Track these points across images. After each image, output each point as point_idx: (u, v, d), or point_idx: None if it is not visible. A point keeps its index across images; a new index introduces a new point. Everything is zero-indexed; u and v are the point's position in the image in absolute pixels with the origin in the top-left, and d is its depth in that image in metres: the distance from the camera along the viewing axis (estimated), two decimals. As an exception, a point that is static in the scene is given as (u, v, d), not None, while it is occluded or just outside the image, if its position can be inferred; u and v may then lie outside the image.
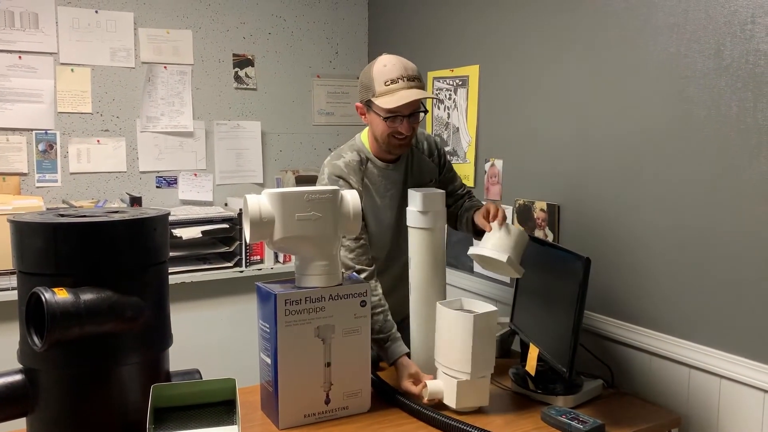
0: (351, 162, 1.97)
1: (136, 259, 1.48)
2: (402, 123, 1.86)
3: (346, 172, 1.95)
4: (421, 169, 2.06)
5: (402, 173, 2.02)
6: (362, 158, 1.99)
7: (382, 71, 1.85)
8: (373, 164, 1.99)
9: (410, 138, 1.92)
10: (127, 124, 2.99)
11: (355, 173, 1.96)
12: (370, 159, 1.99)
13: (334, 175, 1.95)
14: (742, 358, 1.70)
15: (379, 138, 1.92)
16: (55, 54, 2.81)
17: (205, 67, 3.13)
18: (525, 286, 2.08)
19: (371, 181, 1.98)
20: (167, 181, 3.09)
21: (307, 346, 1.64)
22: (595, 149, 2.10)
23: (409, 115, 1.86)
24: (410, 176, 2.04)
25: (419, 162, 2.07)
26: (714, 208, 1.76)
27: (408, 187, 2.01)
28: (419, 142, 2.08)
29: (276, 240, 1.62)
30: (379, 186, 1.99)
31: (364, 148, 2.01)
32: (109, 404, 1.44)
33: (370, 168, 1.99)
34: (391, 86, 1.83)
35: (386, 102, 1.83)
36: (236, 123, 3.22)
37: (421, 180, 2.05)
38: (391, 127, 1.87)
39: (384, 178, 1.99)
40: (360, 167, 1.97)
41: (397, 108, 1.83)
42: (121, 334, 1.44)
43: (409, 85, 1.84)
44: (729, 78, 1.70)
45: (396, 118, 1.85)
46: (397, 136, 1.89)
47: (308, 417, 1.67)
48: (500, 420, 1.72)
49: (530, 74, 2.35)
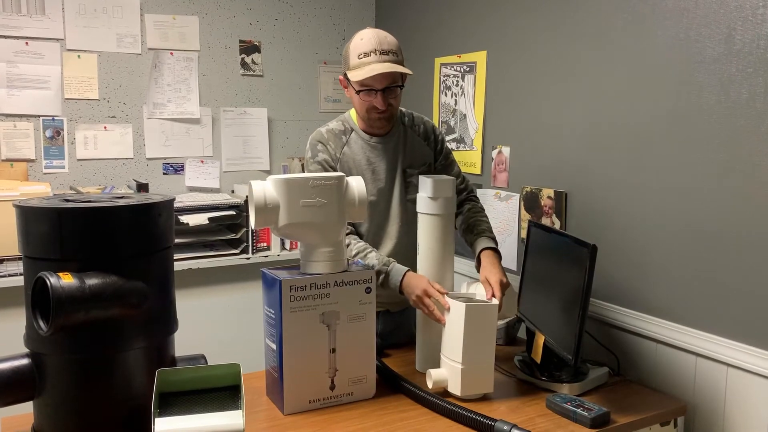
0: (334, 129, 2.02)
1: (141, 245, 1.48)
2: (376, 97, 1.87)
3: (326, 137, 1.99)
4: (414, 151, 2.06)
5: (391, 150, 2.02)
6: (346, 128, 2.02)
7: (358, 45, 1.87)
8: (357, 135, 2.01)
9: (389, 113, 1.93)
10: (133, 111, 2.98)
11: (335, 140, 1.99)
12: (355, 130, 2.02)
13: (315, 140, 2.01)
14: (749, 346, 1.69)
15: (359, 111, 1.96)
16: (61, 40, 2.81)
17: (211, 54, 3.12)
18: (531, 273, 2.08)
19: (353, 151, 1.99)
20: (174, 168, 3.09)
21: (312, 332, 1.64)
22: (602, 136, 2.08)
23: (383, 89, 1.86)
24: (400, 154, 2.03)
25: (412, 143, 2.06)
26: (723, 195, 1.74)
27: (397, 164, 2.02)
28: (416, 125, 2.08)
29: (281, 226, 1.62)
30: (362, 157, 1.99)
31: (351, 120, 2.04)
32: (114, 388, 1.44)
33: (354, 138, 2.01)
34: (363, 59, 1.84)
35: (356, 75, 1.85)
36: (243, 110, 3.21)
37: (413, 161, 2.04)
38: (366, 101, 1.89)
39: (368, 150, 2.00)
40: (342, 136, 2.01)
41: (366, 81, 1.84)
42: (126, 319, 1.44)
43: (381, 58, 1.84)
44: (740, 63, 1.68)
45: (370, 91, 1.87)
46: (374, 112, 1.91)
47: (313, 403, 1.67)
48: (505, 407, 1.71)
49: (538, 60, 2.32)
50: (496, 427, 1.52)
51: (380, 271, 1.86)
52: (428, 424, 1.61)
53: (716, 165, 1.75)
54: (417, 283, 1.81)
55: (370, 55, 1.84)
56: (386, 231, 2.03)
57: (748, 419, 1.71)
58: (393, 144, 2.02)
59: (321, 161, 1.97)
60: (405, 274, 1.84)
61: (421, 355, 1.93)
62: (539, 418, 1.65)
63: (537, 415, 1.67)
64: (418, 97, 2.98)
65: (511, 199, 2.45)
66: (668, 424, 1.76)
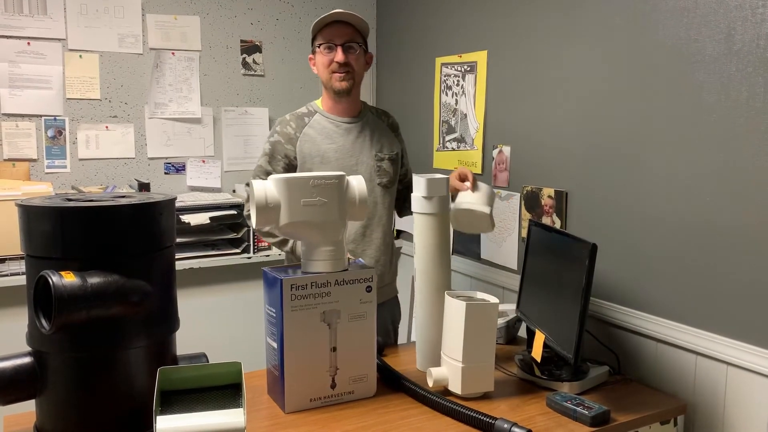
0: (297, 112, 2.17)
1: (143, 244, 1.49)
2: (336, 51, 2.05)
3: (288, 119, 2.16)
4: (382, 137, 2.20)
5: (357, 131, 2.15)
6: (310, 111, 2.17)
7: (323, 16, 2.07)
8: (322, 116, 2.15)
9: (347, 70, 2.08)
10: (135, 111, 2.99)
11: (296, 121, 2.15)
12: (318, 112, 2.16)
13: (276, 123, 2.16)
14: (749, 345, 1.69)
15: (322, 75, 2.10)
16: (63, 40, 2.82)
17: (212, 54, 3.13)
18: (532, 273, 2.08)
19: (315, 130, 2.12)
20: (175, 168, 3.10)
21: (313, 330, 1.65)
22: (603, 136, 2.08)
23: (342, 45, 2.05)
24: (368, 137, 2.16)
25: (381, 130, 2.21)
26: (723, 194, 1.74)
27: (365, 146, 2.14)
28: (383, 115, 2.27)
29: (281, 225, 1.63)
30: (324, 137, 2.11)
31: (315, 104, 2.19)
32: (116, 387, 1.45)
33: (317, 119, 2.14)
34: (325, 18, 2.06)
35: (318, 26, 2.06)
36: (244, 109, 3.22)
37: (381, 147, 2.18)
38: (327, 57, 2.05)
39: (332, 127, 2.13)
40: (305, 117, 2.15)
41: (329, 31, 2.05)
42: (127, 317, 1.45)
43: (339, 15, 2.05)
44: (739, 63, 1.68)
45: (330, 47, 2.06)
46: (335, 69, 2.06)
47: (314, 401, 1.68)
48: (505, 405, 1.72)
49: (539, 60, 2.33)
50: (496, 425, 1.53)
51: None
52: (429, 422, 1.62)
53: (716, 164, 1.75)
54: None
55: (332, 14, 2.05)
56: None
57: (748, 418, 1.71)
58: (360, 126, 2.16)
59: (273, 142, 2.12)
60: None
61: (422, 354, 1.94)
62: (539, 416, 1.66)
63: (537, 414, 1.67)
64: (419, 96, 2.98)
65: (512, 199, 2.46)
66: (668, 422, 1.76)
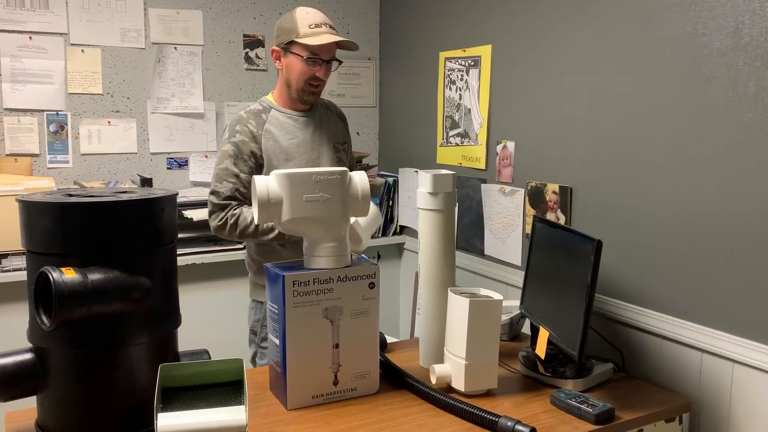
0: (253, 110, 2.12)
1: (144, 240, 1.48)
2: (321, 68, 2.00)
3: (246, 117, 2.09)
4: (335, 128, 2.21)
5: (315, 124, 2.15)
6: (264, 107, 2.13)
7: (306, 17, 2.01)
8: (278, 112, 2.11)
9: (322, 86, 2.07)
10: (137, 106, 2.98)
11: (255, 118, 2.10)
12: (273, 108, 2.12)
13: (234, 122, 2.10)
14: (756, 342, 1.67)
15: (295, 82, 2.05)
16: (65, 34, 2.80)
17: (215, 48, 3.11)
18: (536, 269, 2.07)
19: (275, 126, 2.09)
20: (178, 163, 3.09)
21: (316, 327, 1.64)
22: (608, 131, 2.06)
23: (327, 60, 2.03)
24: (325, 129, 2.16)
25: (334, 121, 2.22)
26: (730, 190, 1.72)
27: (323, 138, 2.14)
28: (332, 107, 2.27)
29: (284, 221, 1.61)
30: (284, 132, 2.09)
31: (268, 100, 2.15)
32: (117, 383, 1.44)
33: (274, 114, 2.11)
34: (315, 29, 1.99)
35: (311, 41, 1.97)
36: (246, 104, 3.18)
37: (336, 138, 2.19)
38: (310, 71, 2.01)
39: (290, 124, 2.11)
40: (262, 114, 2.11)
41: (321, 47, 1.98)
42: (128, 314, 1.44)
43: (330, 31, 2.02)
44: (747, 57, 1.66)
45: (316, 61, 2.00)
46: (312, 83, 2.04)
47: (316, 398, 1.67)
48: (509, 403, 1.71)
49: (543, 54, 2.31)
50: (500, 423, 1.52)
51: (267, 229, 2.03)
52: (432, 419, 1.61)
53: (723, 160, 1.73)
54: None
55: (321, 26, 2.01)
56: None
57: (754, 416, 1.70)
58: (317, 119, 2.16)
59: (237, 142, 2.06)
60: None
61: (425, 351, 1.93)
62: (543, 414, 1.65)
63: (541, 411, 1.66)
64: (423, 91, 2.96)
65: (516, 195, 2.44)
66: (673, 420, 1.75)
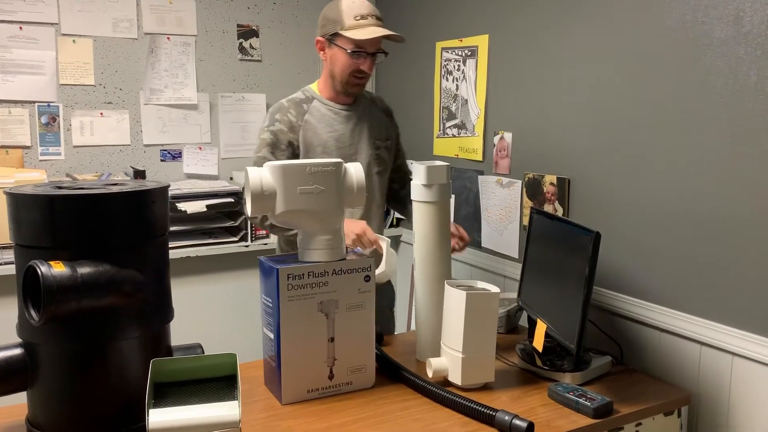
0: (294, 99, 2.07)
1: (135, 233, 1.45)
2: (365, 60, 1.95)
3: (286, 106, 2.05)
4: (380, 124, 2.15)
5: (356, 118, 2.09)
6: (307, 97, 2.08)
7: (352, 6, 1.93)
8: (320, 103, 2.06)
9: (367, 79, 2.01)
10: (130, 97, 2.94)
11: (296, 108, 2.04)
12: (316, 98, 2.07)
13: (274, 110, 2.06)
14: (755, 335, 1.66)
15: (339, 75, 1.99)
16: (56, 24, 2.76)
17: (208, 38, 3.07)
18: (533, 261, 2.04)
19: (315, 118, 2.04)
20: (172, 155, 3.06)
21: (310, 321, 1.61)
22: (607, 121, 2.04)
23: (373, 53, 1.96)
24: (367, 124, 2.10)
25: (377, 115, 2.15)
26: (730, 180, 1.70)
27: (363, 134, 2.08)
28: (378, 100, 2.21)
29: (278, 214, 1.59)
30: (324, 125, 2.04)
31: (311, 90, 2.09)
32: (108, 379, 1.42)
33: (316, 106, 2.06)
34: (361, 21, 1.92)
35: (357, 34, 1.90)
36: (241, 95, 3.17)
37: (378, 134, 2.13)
38: (354, 64, 1.95)
39: (332, 117, 2.05)
40: (303, 104, 2.05)
41: (367, 41, 1.92)
42: (120, 308, 1.41)
43: (377, 23, 1.95)
44: (748, 46, 1.64)
45: (361, 54, 1.94)
46: (356, 75, 1.97)
47: (312, 392, 1.65)
48: (506, 396, 1.69)
49: (541, 44, 2.28)
50: (497, 417, 1.50)
51: None
52: (428, 414, 1.59)
53: (723, 150, 1.71)
54: (356, 224, 1.89)
55: (368, 18, 1.93)
56: None
57: (754, 409, 1.68)
58: (359, 113, 2.10)
59: (275, 131, 2.02)
60: None
61: (421, 344, 1.91)
62: (541, 407, 1.63)
63: (539, 405, 1.64)
64: (419, 82, 2.93)
65: (513, 186, 2.42)
66: (672, 413, 1.73)
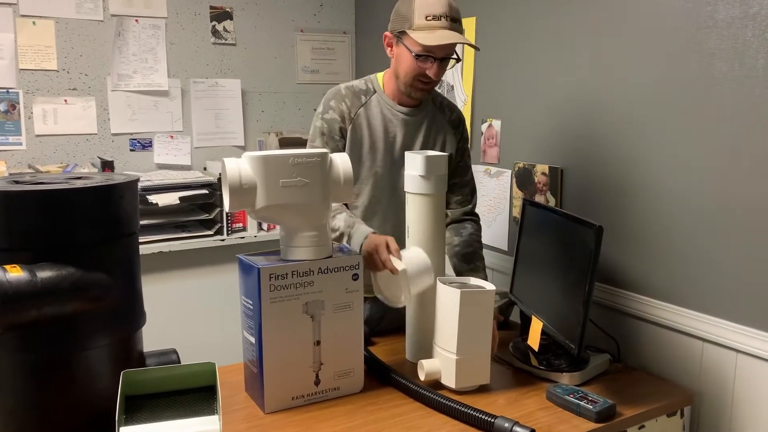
0: (354, 87, 1.86)
1: (102, 231, 1.33)
2: (432, 66, 1.73)
3: (344, 94, 1.84)
4: (438, 134, 1.91)
5: (414, 124, 1.87)
6: (369, 88, 1.87)
7: (425, 3, 1.69)
8: (381, 99, 1.85)
9: (434, 84, 1.80)
10: (96, 83, 2.78)
11: (353, 98, 1.84)
12: (378, 93, 1.86)
13: (331, 94, 1.85)
14: (761, 331, 1.59)
15: (403, 76, 1.78)
16: (14, 5, 2.59)
17: (179, 21, 2.92)
18: (526, 254, 1.96)
19: (371, 114, 1.84)
20: (141, 144, 2.91)
21: (295, 323, 1.50)
22: (602, 108, 1.95)
23: (441, 58, 1.73)
24: (422, 133, 1.88)
25: (439, 125, 1.92)
26: (734, 171, 1.62)
27: (416, 142, 1.88)
28: (447, 109, 1.95)
29: (258, 209, 1.47)
30: (379, 123, 1.84)
31: (376, 81, 1.88)
32: (74, 392, 1.30)
33: (375, 101, 1.85)
34: (431, 22, 1.68)
35: (423, 38, 1.68)
36: (214, 81, 3.02)
37: (434, 144, 1.91)
38: (420, 68, 1.73)
39: (389, 117, 1.85)
40: (362, 96, 1.85)
41: (433, 48, 1.69)
42: (86, 314, 1.29)
43: (451, 25, 1.70)
44: (756, 27, 1.55)
45: (427, 58, 1.72)
46: (422, 80, 1.76)
47: (296, 399, 1.54)
48: (503, 399, 1.60)
49: (531, 27, 2.18)
50: (497, 424, 1.41)
51: (343, 233, 1.74)
52: (422, 420, 1.49)
53: (728, 138, 1.63)
54: (375, 240, 1.67)
55: (441, 19, 1.68)
56: (381, 209, 1.89)
57: (759, 408, 1.62)
58: (419, 120, 1.88)
59: (329, 119, 1.82)
60: (368, 236, 1.70)
61: (412, 344, 1.81)
62: (540, 411, 1.54)
63: (537, 409, 1.56)
64: (401, 67, 2.82)
65: (503, 176, 2.32)
66: (675, 414, 1.66)
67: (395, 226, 1.89)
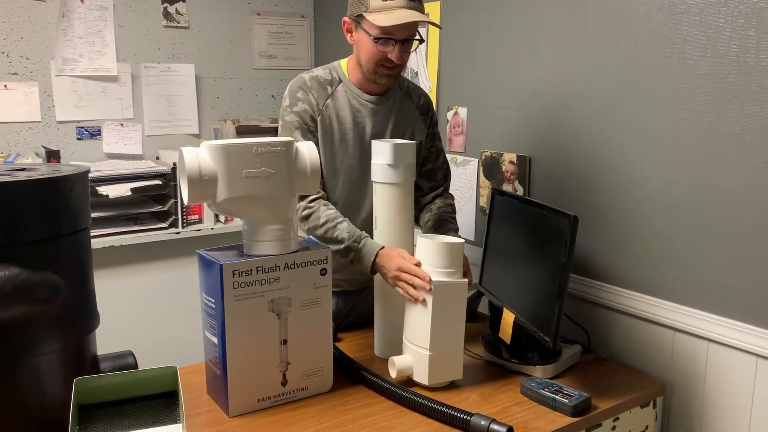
0: (319, 77, 1.76)
1: (50, 228, 1.23)
2: (393, 49, 1.65)
3: (309, 85, 1.75)
4: (407, 121, 1.84)
5: (383, 113, 1.80)
6: (333, 78, 1.78)
7: (389, 14, 1.61)
8: (346, 88, 1.77)
9: (400, 69, 1.72)
10: (39, 67, 2.62)
11: (318, 89, 1.75)
12: (343, 82, 1.77)
13: (296, 86, 1.76)
14: (732, 320, 1.59)
15: (365, 63, 1.70)
16: (-54, -18, 2.41)
17: (129, 2, 2.77)
18: (496, 245, 1.92)
19: (338, 105, 1.76)
20: (90, 132, 2.76)
21: (260, 322, 1.43)
22: (571, 96, 1.92)
23: (402, 40, 1.65)
24: (392, 121, 1.81)
25: (408, 111, 1.84)
26: (706, 159, 1.61)
27: (386, 130, 1.80)
28: (414, 94, 1.88)
29: (220, 201, 1.38)
30: (347, 114, 1.76)
31: (340, 70, 1.79)
32: (22, 402, 1.21)
33: (341, 91, 1.77)
34: (389, 2, 1.61)
35: (380, 19, 1.60)
36: (167, 66, 2.89)
37: (402, 132, 1.83)
38: (381, 52, 1.65)
39: (356, 107, 1.77)
40: (327, 86, 1.76)
41: (391, 28, 1.61)
42: (33, 318, 1.19)
43: (409, 4, 1.62)
44: (729, 14, 1.53)
45: (388, 41, 1.64)
46: (385, 65, 1.68)
47: (263, 401, 1.47)
48: (476, 395, 1.56)
49: (499, 12, 2.13)
50: (473, 422, 1.37)
51: (350, 248, 1.65)
52: (395, 419, 1.44)
53: (700, 127, 1.62)
54: (390, 262, 1.59)
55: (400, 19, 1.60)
56: (358, 202, 1.81)
57: (730, 396, 1.62)
58: (387, 107, 1.80)
59: (300, 111, 1.73)
60: (378, 252, 1.63)
61: (380, 339, 1.75)
62: (515, 406, 1.51)
63: (512, 404, 1.52)
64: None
65: (469, 165, 2.28)
66: (648, 405, 1.65)
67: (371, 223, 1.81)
